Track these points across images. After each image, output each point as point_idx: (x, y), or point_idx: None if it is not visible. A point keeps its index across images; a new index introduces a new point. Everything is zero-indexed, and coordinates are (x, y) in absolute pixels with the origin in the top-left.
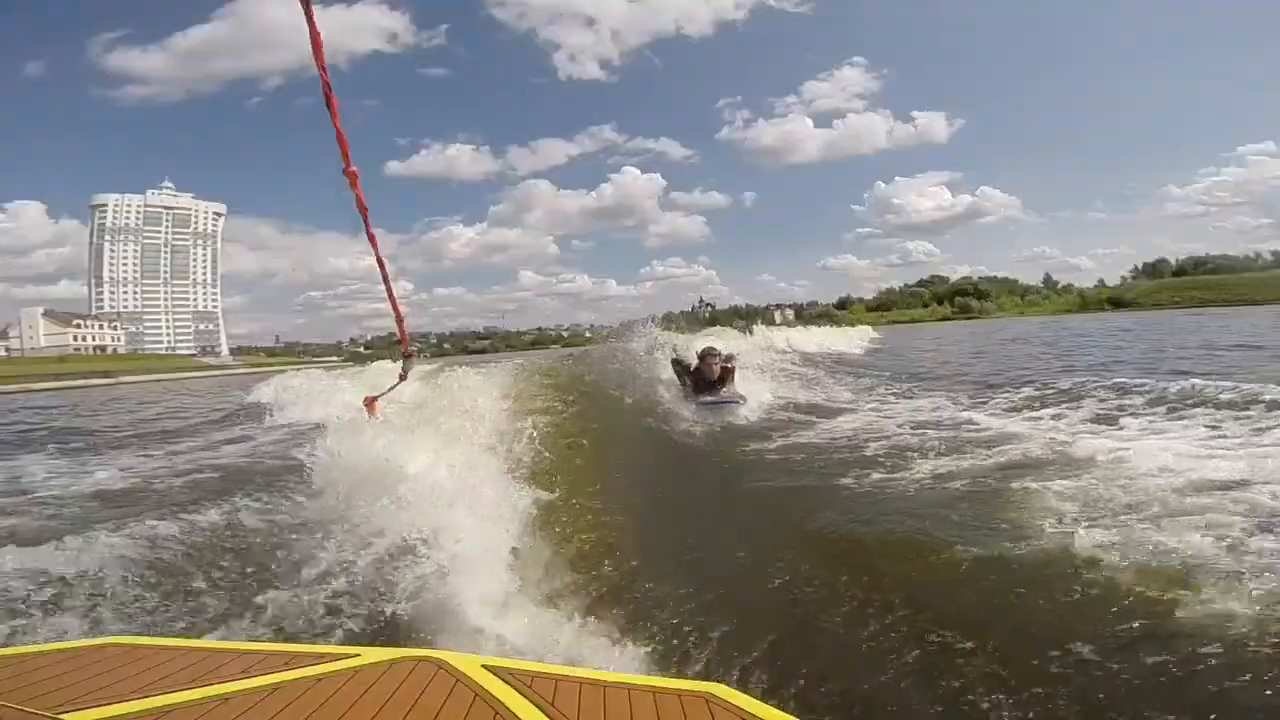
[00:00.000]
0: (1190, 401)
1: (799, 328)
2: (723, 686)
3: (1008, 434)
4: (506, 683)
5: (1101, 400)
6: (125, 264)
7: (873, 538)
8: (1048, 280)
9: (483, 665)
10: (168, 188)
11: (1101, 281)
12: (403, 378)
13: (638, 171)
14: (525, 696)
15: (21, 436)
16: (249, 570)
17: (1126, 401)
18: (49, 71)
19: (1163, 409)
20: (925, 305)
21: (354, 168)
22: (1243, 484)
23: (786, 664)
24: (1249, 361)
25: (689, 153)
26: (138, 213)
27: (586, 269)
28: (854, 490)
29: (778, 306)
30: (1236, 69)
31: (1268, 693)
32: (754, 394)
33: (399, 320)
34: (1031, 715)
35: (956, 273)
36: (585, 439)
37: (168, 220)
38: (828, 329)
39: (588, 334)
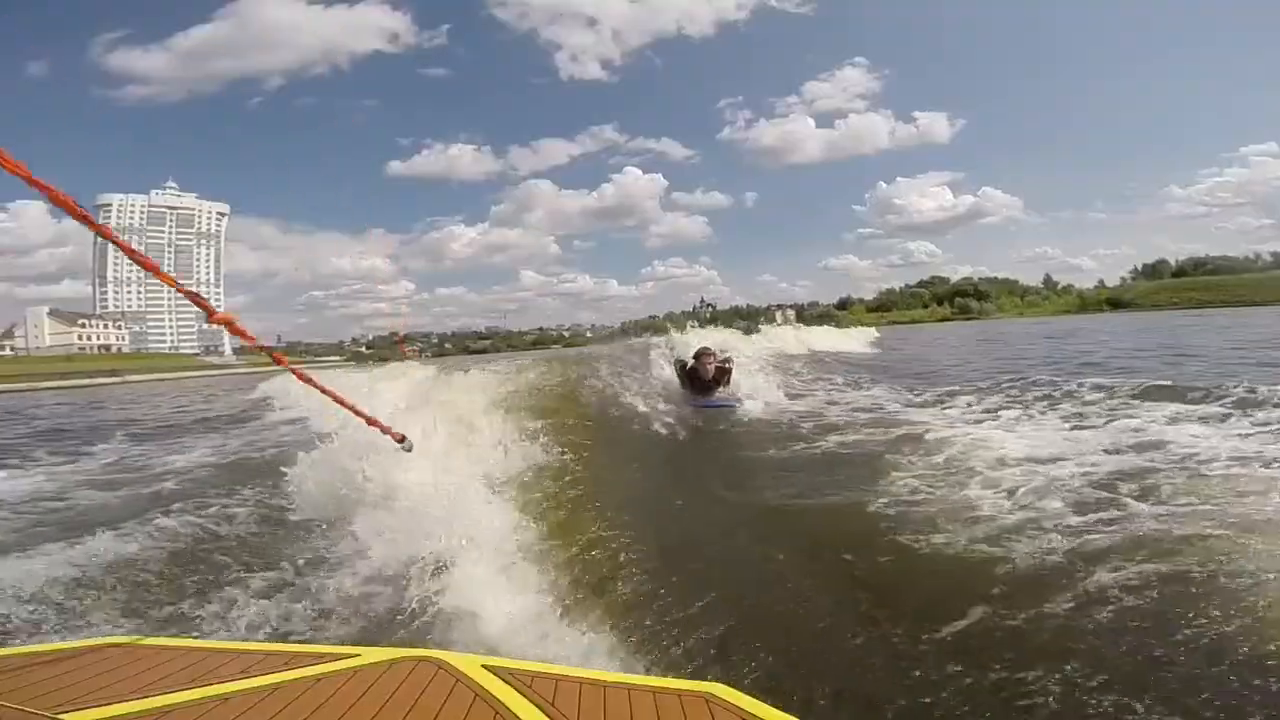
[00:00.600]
0: (1069, 397)
1: (802, 328)
2: (722, 686)
3: (911, 420)
4: (506, 683)
5: (1007, 394)
6: (129, 263)
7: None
8: (1048, 281)
9: (483, 665)
10: (171, 188)
11: (1101, 282)
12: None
13: (639, 171)
14: (525, 696)
15: (93, 430)
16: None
17: (1022, 396)
18: (50, 71)
19: (1044, 403)
20: (925, 306)
21: (219, 314)
22: (1053, 460)
23: (781, 658)
24: (1143, 363)
25: (690, 153)
26: (142, 212)
27: (588, 269)
28: (831, 478)
29: (779, 307)
30: (1238, 69)
31: (942, 581)
32: (755, 392)
33: (372, 423)
34: (828, 593)
35: (958, 273)
36: (580, 435)
37: (171, 220)
38: (830, 330)
39: (589, 334)
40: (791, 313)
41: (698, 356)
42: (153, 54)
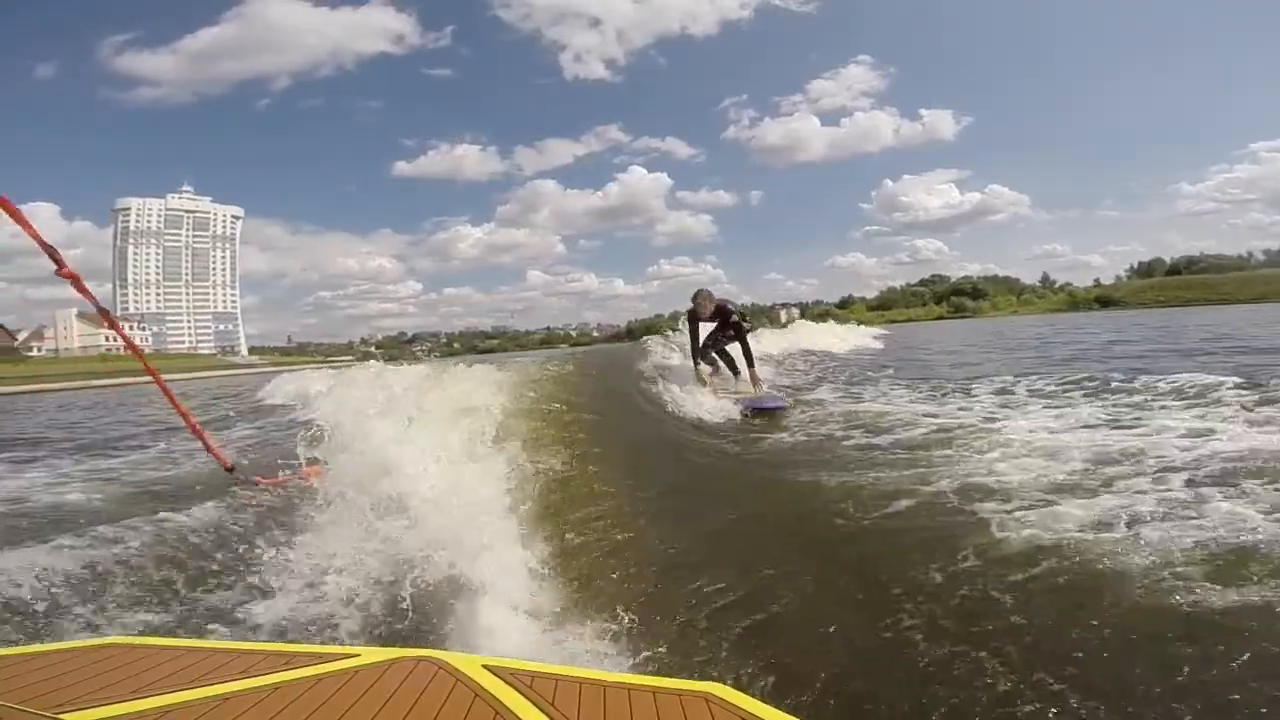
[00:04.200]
0: (966, 389)
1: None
2: (722, 686)
3: (836, 402)
4: (506, 683)
5: (937, 387)
6: (148, 266)
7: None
8: (1045, 279)
9: (483, 665)
10: (187, 191)
11: (1097, 280)
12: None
13: (644, 171)
14: (525, 696)
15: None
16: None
17: (928, 390)
18: (58, 74)
19: (940, 391)
20: (925, 304)
21: (68, 269)
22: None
23: (783, 658)
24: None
25: (695, 152)
26: (159, 216)
27: (593, 268)
28: (826, 469)
29: (784, 305)
30: (1247, 65)
31: (944, 579)
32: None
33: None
34: (830, 592)
35: (965, 270)
36: (581, 431)
37: (188, 223)
38: (834, 326)
39: (595, 333)
40: (796, 310)
41: (695, 296)
42: (160, 56)
